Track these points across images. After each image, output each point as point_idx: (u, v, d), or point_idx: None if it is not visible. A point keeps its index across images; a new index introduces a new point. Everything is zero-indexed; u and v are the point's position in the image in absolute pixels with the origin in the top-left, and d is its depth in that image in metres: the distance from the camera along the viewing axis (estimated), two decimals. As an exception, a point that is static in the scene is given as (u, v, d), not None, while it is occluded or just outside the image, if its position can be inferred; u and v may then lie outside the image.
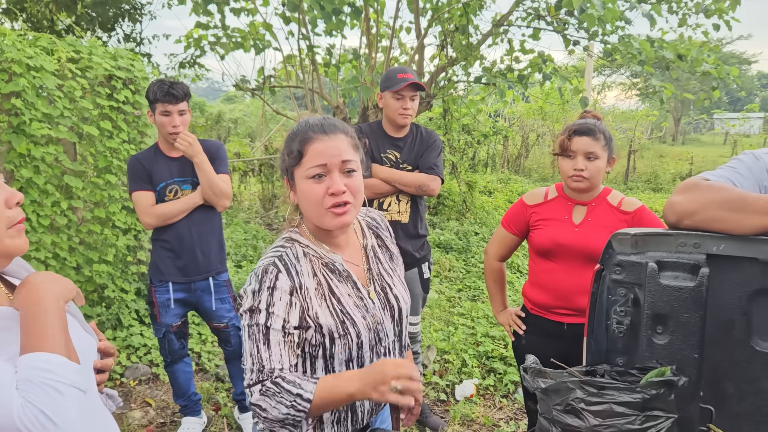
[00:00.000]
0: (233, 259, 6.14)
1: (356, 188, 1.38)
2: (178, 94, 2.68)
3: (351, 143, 1.40)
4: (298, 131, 1.40)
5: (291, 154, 1.39)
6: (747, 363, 1.26)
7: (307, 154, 1.35)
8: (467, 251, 6.89)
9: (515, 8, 5.37)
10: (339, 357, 1.40)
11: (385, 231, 1.66)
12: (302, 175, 1.37)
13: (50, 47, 3.67)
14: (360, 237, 1.57)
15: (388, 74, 2.90)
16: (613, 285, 1.38)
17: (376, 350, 1.47)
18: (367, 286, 1.49)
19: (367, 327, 1.43)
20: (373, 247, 1.58)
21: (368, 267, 1.53)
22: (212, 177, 2.74)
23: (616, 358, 1.39)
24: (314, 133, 1.36)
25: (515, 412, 3.47)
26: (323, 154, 1.34)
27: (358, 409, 1.48)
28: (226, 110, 19.18)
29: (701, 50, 4.99)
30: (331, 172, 1.35)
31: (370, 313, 1.45)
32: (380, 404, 1.53)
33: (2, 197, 1.09)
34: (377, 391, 1.24)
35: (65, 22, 9.22)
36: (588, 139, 2.16)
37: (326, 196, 1.34)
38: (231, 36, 5.27)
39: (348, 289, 1.44)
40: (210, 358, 4.00)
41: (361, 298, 1.45)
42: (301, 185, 1.38)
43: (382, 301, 1.50)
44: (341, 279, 1.44)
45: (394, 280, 1.56)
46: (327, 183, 1.34)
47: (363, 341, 1.42)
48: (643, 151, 17.63)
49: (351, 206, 1.37)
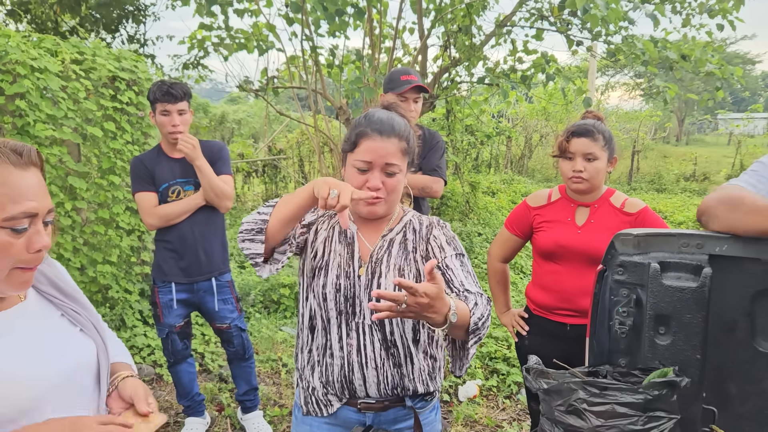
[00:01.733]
0: (236, 260, 6.15)
1: (392, 187, 1.52)
2: (177, 93, 2.69)
3: (402, 148, 1.51)
4: (360, 122, 1.53)
5: (348, 141, 1.54)
6: (750, 364, 1.26)
7: (360, 146, 1.50)
8: (470, 252, 6.89)
9: (518, 9, 5.37)
10: (312, 303, 1.58)
11: (420, 241, 1.63)
12: (351, 161, 1.52)
13: (54, 48, 3.68)
14: (387, 228, 1.62)
15: (392, 75, 2.90)
16: (616, 286, 1.38)
17: (346, 320, 1.54)
18: (365, 263, 1.56)
19: (335, 286, 1.53)
20: (392, 240, 1.60)
21: (373, 250, 1.58)
22: (213, 179, 2.74)
23: (619, 358, 1.39)
24: (371, 131, 1.49)
25: (518, 413, 3.47)
26: (371, 152, 1.48)
27: (329, 369, 1.56)
28: (229, 111, 19.20)
29: (705, 50, 4.97)
30: (374, 169, 1.49)
31: (350, 281, 1.53)
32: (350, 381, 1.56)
33: (29, 239, 1.07)
34: (322, 186, 1.39)
35: (69, 24, 9.25)
36: (586, 140, 2.15)
37: (363, 188, 1.50)
38: (234, 37, 5.27)
39: (343, 251, 1.57)
40: (213, 358, 4.01)
41: (349, 266, 1.55)
42: (348, 169, 1.54)
43: (367, 282, 1.54)
44: (342, 241, 1.59)
45: (390, 273, 1.55)
46: (368, 176, 1.50)
47: (327, 294, 1.53)
48: (647, 151, 17.58)
49: (383, 201, 1.52)
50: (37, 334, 1.15)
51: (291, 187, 9.21)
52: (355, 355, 1.53)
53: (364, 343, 1.53)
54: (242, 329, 3.03)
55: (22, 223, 1.04)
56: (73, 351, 1.19)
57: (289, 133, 9.93)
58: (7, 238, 1.03)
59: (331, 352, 1.56)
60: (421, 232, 1.64)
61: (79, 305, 1.26)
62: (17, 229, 1.04)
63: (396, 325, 1.54)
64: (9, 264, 1.05)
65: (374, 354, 1.53)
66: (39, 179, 1.09)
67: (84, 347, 1.22)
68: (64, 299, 1.23)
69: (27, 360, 1.09)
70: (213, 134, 14.21)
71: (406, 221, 1.65)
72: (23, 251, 1.05)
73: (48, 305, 1.21)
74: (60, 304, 1.22)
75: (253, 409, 3.19)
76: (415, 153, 1.60)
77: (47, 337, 1.16)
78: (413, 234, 1.63)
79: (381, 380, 1.54)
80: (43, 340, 1.15)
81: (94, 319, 1.29)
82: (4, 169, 1.03)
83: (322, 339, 1.57)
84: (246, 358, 3.08)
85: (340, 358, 1.54)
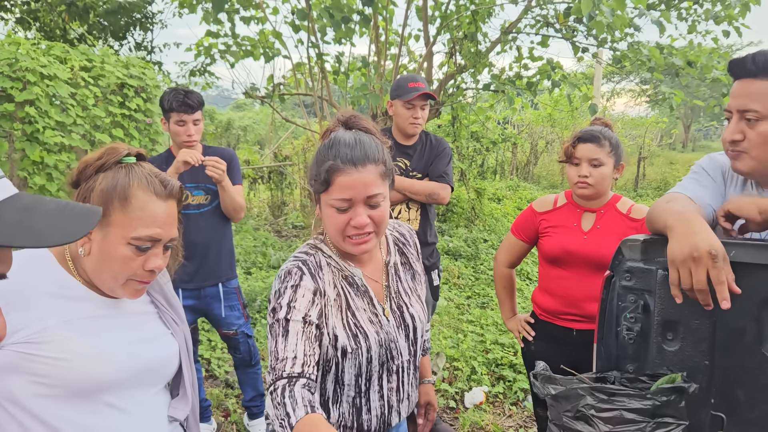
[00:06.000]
0: (243, 266, 6.16)
1: (380, 218, 1.36)
2: (193, 103, 2.70)
3: (380, 173, 1.35)
4: (327, 156, 1.33)
5: (318, 179, 1.34)
6: (759, 370, 1.25)
7: (334, 184, 1.32)
8: (476, 258, 6.87)
9: (524, 15, 5.38)
10: (349, 372, 1.41)
11: (411, 248, 1.64)
12: (327, 202, 1.35)
13: (63, 56, 3.72)
14: (384, 253, 1.56)
15: (399, 83, 2.91)
16: (623, 291, 1.38)
17: (387, 367, 1.46)
18: (384, 303, 1.49)
19: (378, 343, 1.42)
20: (396, 264, 1.57)
21: (387, 284, 1.52)
22: (234, 195, 2.76)
23: (626, 364, 1.39)
24: (343, 164, 1.31)
25: (525, 420, 3.46)
26: (349, 188, 1.31)
27: (365, 424, 1.48)
28: (235, 118, 19.28)
29: (711, 57, 4.97)
30: (355, 205, 1.33)
31: (384, 330, 1.44)
32: (389, 423, 1.53)
33: (148, 258, 1.22)
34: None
35: (78, 31, 9.33)
36: (592, 146, 2.16)
37: (348, 227, 1.34)
38: (241, 44, 5.31)
39: (364, 304, 1.44)
40: (220, 364, 4.01)
41: (375, 314, 1.45)
42: (325, 210, 1.37)
43: (397, 320, 1.49)
44: (358, 293, 1.45)
45: (411, 299, 1.55)
46: (350, 215, 1.33)
47: (372, 356, 1.42)
48: (653, 158, 17.54)
49: (373, 235, 1.37)
50: (131, 325, 1.29)
51: (296, 193, 9.22)
52: (394, 396, 1.49)
53: (402, 380, 1.50)
54: (249, 335, 3.03)
55: (146, 244, 1.21)
56: (159, 347, 1.33)
57: (295, 140, 9.96)
58: (130, 254, 1.20)
59: (368, 407, 1.47)
60: (407, 240, 1.64)
61: (178, 317, 1.42)
62: (140, 248, 1.21)
63: (419, 347, 1.56)
64: (127, 274, 1.21)
65: (408, 386, 1.53)
66: (172, 211, 1.26)
67: (169, 348, 1.36)
68: (168, 308, 1.40)
69: (113, 341, 1.23)
70: (219, 141, 14.28)
71: (391, 238, 1.61)
72: (140, 267, 1.22)
73: (152, 308, 1.37)
74: (162, 309, 1.38)
75: (259, 416, 3.19)
76: (393, 171, 1.45)
77: (139, 329, 1.31)
78: (404, 246, 1.62)
79: (409, 406, 1.56)
80: (134, 330, 1.29)
81: (186, 332, 1.43)
82: (147, 196, 1.21)
83: (356, 399, 1.46)
84: (252, 364, 3.08)
85: (380, 407, 1.48)
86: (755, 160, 1.34)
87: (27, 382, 1.13)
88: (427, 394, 1.80)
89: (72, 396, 1.17)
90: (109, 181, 1.21)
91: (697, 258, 1.13)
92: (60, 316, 1.16)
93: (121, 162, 1.25)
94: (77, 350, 1.16)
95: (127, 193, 1.20)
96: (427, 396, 1.81)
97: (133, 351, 1.26)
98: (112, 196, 1.20)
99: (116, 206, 1.19)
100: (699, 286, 1.13)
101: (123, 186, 1.20)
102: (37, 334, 1.12)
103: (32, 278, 1.18)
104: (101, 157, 1.25)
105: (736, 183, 1.47)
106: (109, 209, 1.19)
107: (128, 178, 1.22)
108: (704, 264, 1.12)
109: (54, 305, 1.17)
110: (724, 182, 1.49)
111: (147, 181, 1.23)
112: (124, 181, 1.21)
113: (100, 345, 1.20)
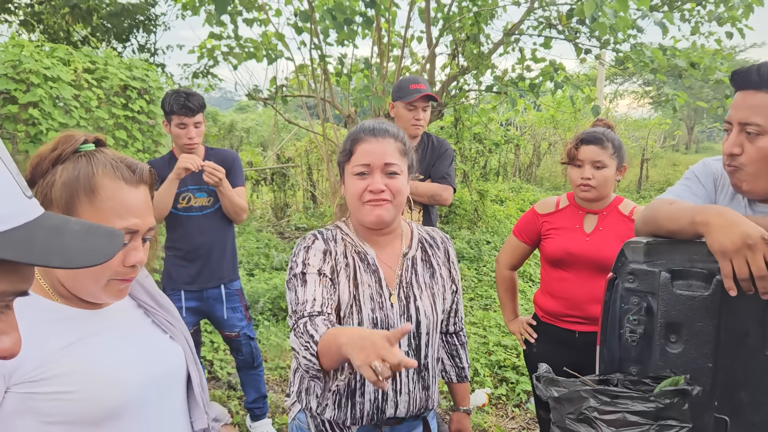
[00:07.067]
0: (245, 268, 6.17)
1: (397, 189, 1.46)
2: (194, 106, 2.69)
3: (399, 148, 1.48)
4: (353, 132, 1.51)
5: (343, 152, 1.50)
6: (762, 372, 1.25)
7: (356, 153, 1.47)
8: (479, 260, 6.87)
9: (526, 17, 5.38)
10: None
11: (439, 252, 1.64)
12: (349, 171, 1.48)
13: (67, 58, 3.73)
14: (405, 246, 1.59)
15: (401, 84, 2.91)
16: (626, 294, 1.38)
17: None
18: (392, 289, 1.51)
19: (372, 320, 1.46)
20: (414, 258, 1.58)
21: (400, 273, 1.54)
22: (233, 198, 2.77)
23: (630, 366, 1.38)
24: (365, 135, 1.47)
25: (527, 422, 3.45)
26: (369, 154, 1.45)
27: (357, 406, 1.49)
28: (238, 119, 19.29)
29: (714, 58, 4.96)
30: (374, 172, 1.44)
31: (383, 312, 1.47)
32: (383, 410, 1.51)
33: (127, 253, 1.10)
34: (358, 357, 1.11)
35: (81, 33, 9.35)
36: (595, 148, 2.16)
37: (365, 192, 1.44)
38: (244, 46, 5.32)
39: (371, 281, 1.49)
40: (222, 366, 4.01)
41: (380, 294, 1.48)
42: (347, 180, 1.50)
43: (402, 308, 1.50)
44: (368, 270, 1.51)
45: (423, 294, 1.54)
46: (368, 181, 1.44)
47: None
48: (656, 159, 17.53)
49: (389, 204, 1.45)
50: (127, 337, 1.18)
51: (299, 195, 9.23)
52: (389, 385, 1.48)
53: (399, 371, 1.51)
54: (251, 337, 3.03)
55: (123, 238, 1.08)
56: (162, 356, 1.22)
57: (298, 142, 9.97)
58: None
59: (362, 391, 1.48)
60: (436, 244, 1.64)
61: (171, 316, 1.30)
62: None
63: (430, 347, 1.54)
64: (107, 275, 1.08)
65: (408, 379, 1.51)
66: (146, 197, 1.13)
67: (173, 353, 1.26)
68: (158, 308, 1.28)
69: (115, 361, 1.12)
70: (222, 143, 14.30)
71: (417, 236, 1.63)
72: (120, 264, 1.09)
73: (141, 312, 1.25)
74: (153, 312, 1.26)
75: (262, 417, 3.19)
76: (413, 158, 1.55)
77: (137, 340, 1.19)
78: (430, 248, 1.63)
79: (411, 404, 1.53)
80: (133, 343, 1.18)
81: (184, 331, 1.32)
82: (116, 184, 1.08)
83: (351, 378, 1.48)
84: (255, 366, 3.08)
85: (373, 392, 1.48)
86: (750, 176, 1.33)
87: (36, 422, 1.04)
88: (459, 422, 1.80)
89: (85, 428, 1.08)
90: (70, 172, 1.07)
91: (752, 245, 1.11)
92: (53, 343, 1.06)
93: (79, 150, 1.10)
94: (80, 380, 1.06)
95: (92, 183, 1.06)
96: (459, 425, 1.80)
97: (136, 366, 1.16)
98: (76, 188, 1.06)
99: (83, 200, 1.06)
100: (760, 272, 1.11)
101: (86, 175, 1.06)
102: (39, 370, 1.03)
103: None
104: (56, 147, 1.09)
105: (727, 192, 1.46)
106: (75, 204, 1.05)
107: (91, 167, 1.07)
108: (761, 250, 1.11)
109: (43, 333, 1.06)
110: (715, 190, 1.48)
111: (113, 167, 1.09)
112: (87, 170, 1.07)
113: (102, 368, 1.10)
